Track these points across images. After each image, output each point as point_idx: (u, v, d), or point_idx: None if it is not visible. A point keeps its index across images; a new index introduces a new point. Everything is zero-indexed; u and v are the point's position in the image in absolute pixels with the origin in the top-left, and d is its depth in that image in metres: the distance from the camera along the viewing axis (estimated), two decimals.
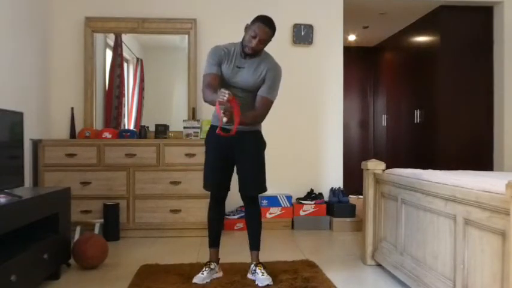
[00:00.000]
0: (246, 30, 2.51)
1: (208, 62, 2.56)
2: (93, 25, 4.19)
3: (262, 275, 2.52)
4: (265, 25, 2.45)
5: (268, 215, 4.12)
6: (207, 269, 2.59)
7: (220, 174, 2.62)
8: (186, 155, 3.79)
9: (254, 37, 2.44)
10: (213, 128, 2.65)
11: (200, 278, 2.53)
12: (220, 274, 2.66)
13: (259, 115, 2.57)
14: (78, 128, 4.13)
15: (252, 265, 2.63)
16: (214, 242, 2.69)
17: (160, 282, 2.55)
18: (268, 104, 2.57)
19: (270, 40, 2.53)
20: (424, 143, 5.08)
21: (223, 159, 2.61)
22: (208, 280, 2.55)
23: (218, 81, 2.54)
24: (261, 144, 2.68)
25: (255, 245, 2.67)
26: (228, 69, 2.54)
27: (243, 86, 2.55)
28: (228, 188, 2.66)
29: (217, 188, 2.65)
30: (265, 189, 2.66)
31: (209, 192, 2.71)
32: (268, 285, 2.48)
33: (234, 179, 2.71)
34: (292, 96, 4.36)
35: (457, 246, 1.96)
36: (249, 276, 2.62)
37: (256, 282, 2.52)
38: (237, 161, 2.62)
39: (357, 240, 3.67)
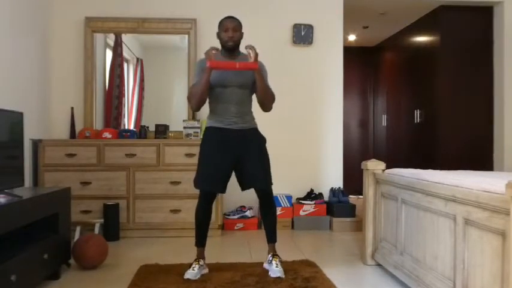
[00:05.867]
0: (218, 36, 2.72)
1: (195, 75, 2.75)
2: (93, 25, 4.19)
3: (276, 267, 2.66)
4: (228, 18, 2.71)
5: None
6: (197, 265, 2.68)
7: (219, 173, 2.66)
8: (186, 155, 3.79)
9: (226, 30, 2.66)
10: (209, 129, 2.73)
11: (192, 273, 2.62)
12: (206, 270, 2.75)
13: (272, 93, 2.74)
14: (78, 128, 4.13)
15: (269, 255, 2.77)
16: (202, 241, 2.79)
17: (160, 282, 2.55)
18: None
19: (241, 29, 2.72)
20: (424, 143, 5.08)
21: (223, 158, 2.66)
22: (198, 276, 2.64)
23: None
24: (262, 139, 2.79)
25: (272, 237, 2.83)
26: (219, 72, 2.63)
27: (240, 80, 2.66)
28: (225, 188, 2.71)
29: (215, 188, 2.69)
30: (272, 183, 2.78)
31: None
32: (279, 277, 2.60)
33: (232, 181, 2.75)
34: (292, 96, 4.36)
35: (457, 246, 1.96)
36: (265, 265, 2.78)
37: (269, 273, 2.67)
38: (243, 158, 2.67)
39: (357, 240, 3.67)
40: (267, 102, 2.70)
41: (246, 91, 2.71)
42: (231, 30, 2.65)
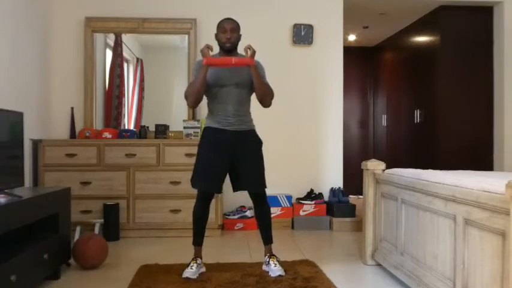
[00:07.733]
0: (216, 37, 2.74)
1: (192, 75, 2.79)
2: (93, 25, 4.19)
3: (275, 266, 2.68)
4: (226, 19, 2.73)
5: None
6: (195, 264, 2.69)
7: (216, 174, 2.69)
8: (186, 155, 3.79)
9: (224, 31, 2.68)
10: (207, 130, 2.75)
11: (191, 272, 2.63)
12: (204, 269, 2.76)
13: (271, 89, 2.74)
14: (78, 128, 4.13)
15: (266, 257, 2.78)
16: (200, 240, 2.81)
17: (160, 282, 2.55)
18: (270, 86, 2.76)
19: (239, 30, 2.74)
20: (424, 143, 5.08)
21: (220, 159, 2.68)
22: (197, 274, 2.64)
23: None
24: (259, 142, 2.80)
25: (267, 239, 2.83)
26: (216, 71, 2.65)
27: (237, 79, 2.67)
28: (220, 189, 2.73)
29: (212, 187, 2.73)
30: (266, 186, 2.81)
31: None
32: (280, 275, 2.61)
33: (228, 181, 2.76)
34: (292, 96, 4.36)
35: (457, 246, 1.96)
36: (264, 267, 2.76)
37: (270, 273, 2.66)
38: (239, 160, 2.70)
39: (357, 240, 3.67)
40: (265, 98, 2.71)
41: (244, 91, 2.71)
42: (228, 31, 2.67)
